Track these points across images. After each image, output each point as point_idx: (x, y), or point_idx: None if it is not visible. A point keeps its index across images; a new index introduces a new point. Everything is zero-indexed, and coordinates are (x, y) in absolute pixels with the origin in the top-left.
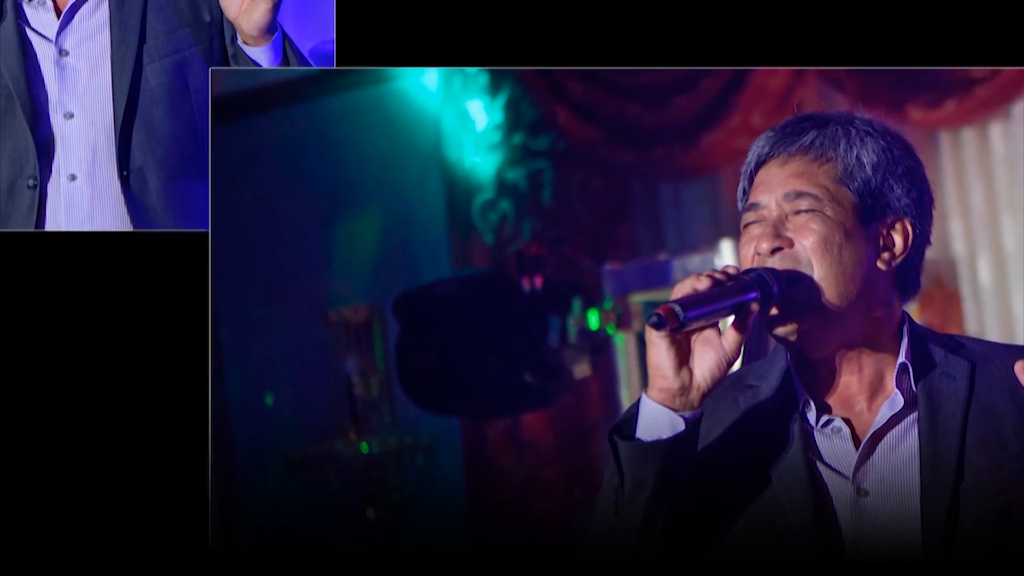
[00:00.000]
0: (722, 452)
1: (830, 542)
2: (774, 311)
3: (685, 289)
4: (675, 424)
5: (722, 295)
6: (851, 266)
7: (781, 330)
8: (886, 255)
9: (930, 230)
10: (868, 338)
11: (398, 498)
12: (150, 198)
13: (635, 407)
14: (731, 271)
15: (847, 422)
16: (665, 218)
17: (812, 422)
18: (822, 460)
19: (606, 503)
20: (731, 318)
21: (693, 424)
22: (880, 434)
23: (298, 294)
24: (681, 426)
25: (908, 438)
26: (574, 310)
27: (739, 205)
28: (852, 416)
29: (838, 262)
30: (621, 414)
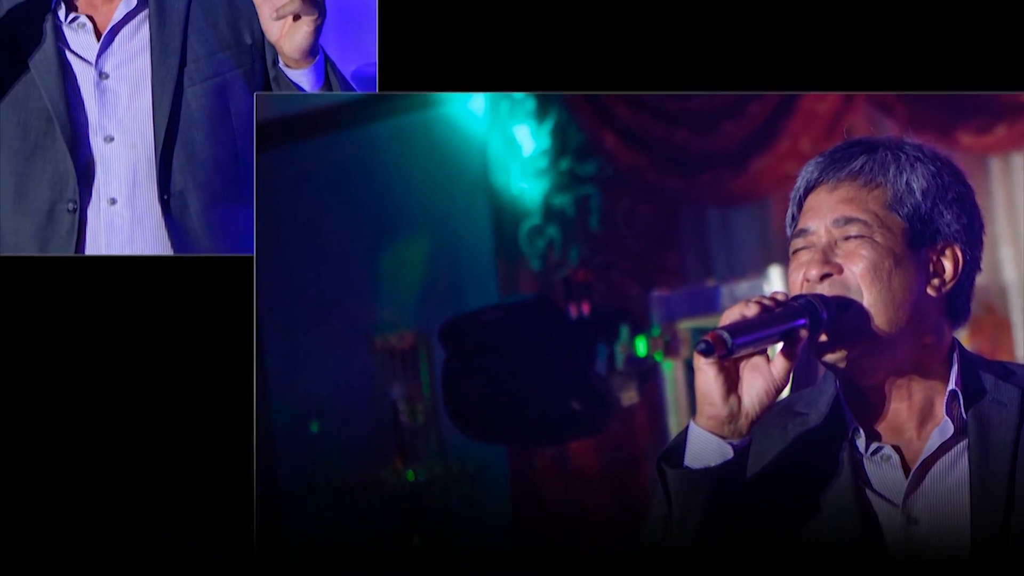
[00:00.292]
0: (771, 479)
1: (879, 570)
2: (823, 338)
3: (733, 316)
4: (724, 452)
5: (771, 322)
6: (901, 292)
7: (830, 357)
8: (936, 281)
9: (980, 256)
10: (918, 365)
11: (444, 526)
12: (191, 222)
13: (683, 435)
14: (780, 297)
15: (897, 449)
16: (713, 244)
17: (861, 449)
18: (871, 488)
19: (654, 531)
20: (780, 345)
21: (742, 451)
22: (930, 462)
23: (344, 321)
24: (730, 453)
25: (958, 466)
26: (622, 337)
27: (788, 231)
28: (902, 443)
29: (888, 288)
30: (669, 442)
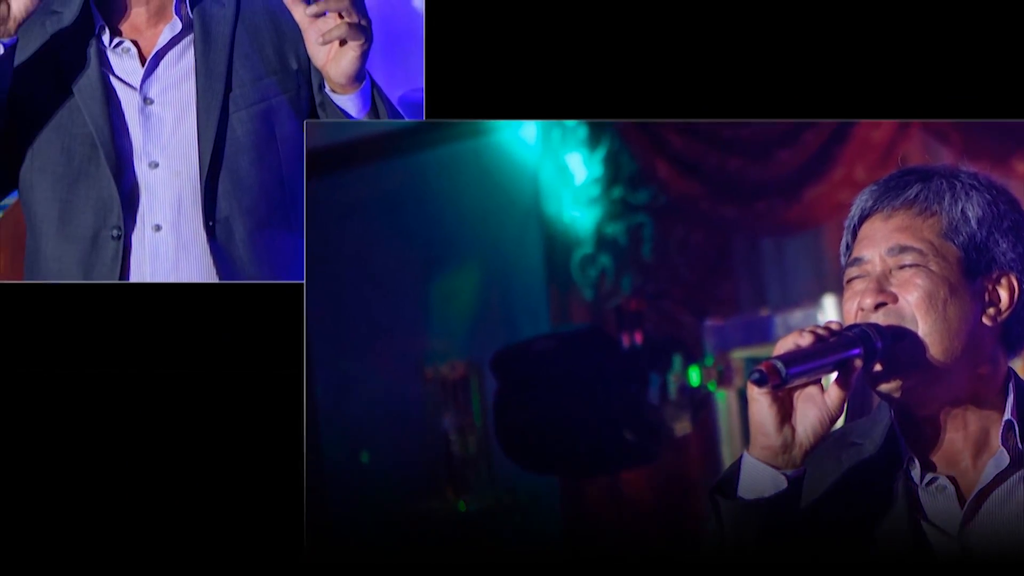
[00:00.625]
0: (825, 510)
1: None
2: (878, 367)
3: (787, 345)
4: (777, 482)
5: (825, 351)
6: (956, 322)
7: (885, 387)
8: (991, 310)
9: None
10: (973, 395)
11: (495, 557)
12: (236, 248)
13: (736, 465)
14: (834, 327)
15: (952, 480)
16: (767, 273)
17: (916, 480)
18: (926, 518)
19: (708, 559)
20: (834, 375)
21: (795, 482)
22: (986, 492)
23: (394, 350)
24: (783, 484)
25: (1014, 496)
26: (674, 366)
27: (842, 260)
28: (957, 474)
29: (943, 318)
30: (722, 472)
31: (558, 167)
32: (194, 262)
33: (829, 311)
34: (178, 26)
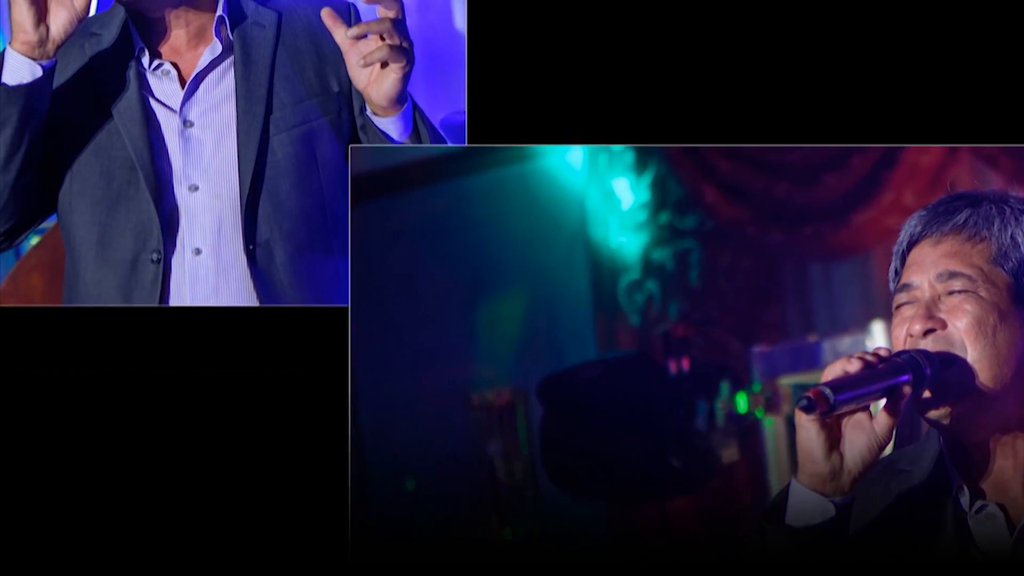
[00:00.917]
0: (873, 537)
1: None
2: (927, 394)
3: (836, 371)
4: (826, 510)
5: (873, 378)
6: (1006, 348)
7: (934, 414)
8: None
9: None
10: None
11: None
12: (277, 272)
13: (784, 492)
14: (883, 353)
15: (1002, 507)
16: (815, 299)
17: (965, 507)
18: (975, 546)
19: None
20: (882, 401)
21: (844, 509)
22: None
23: (440, 377)
24: (831, 511)
25: None
26: (722, 393)
27: (891, 285)
28: (1007, 501)
29: (992, 344)
30: (770, 500)
31: (605, 192)
32: (234, 286)
33: (877, 337)
34: (218, 48)
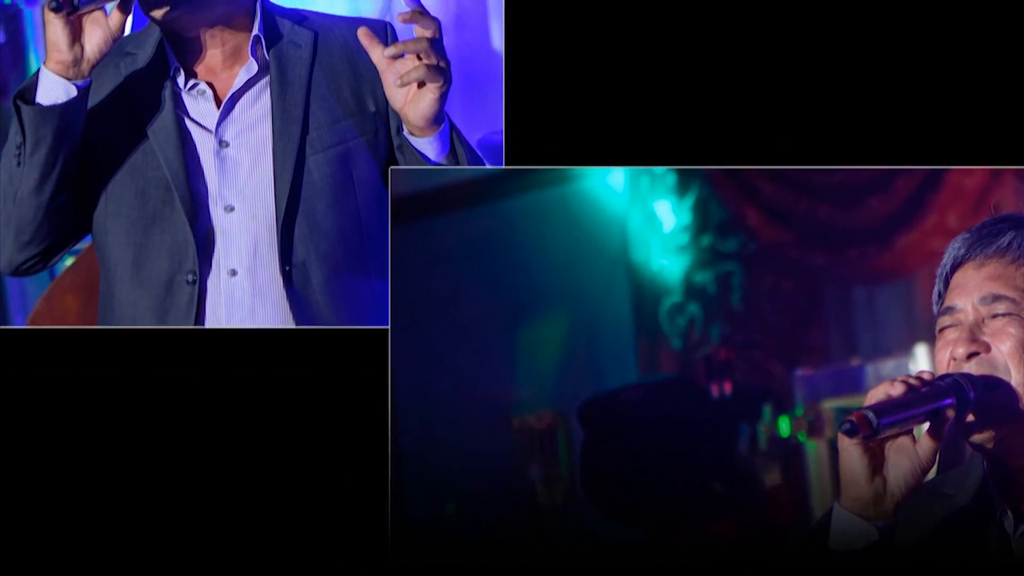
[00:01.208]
0: (917, 562)
1: None
2: (970, 418)
3: (879, 395)
4: (868, 534)
5: (917, 401)
6: None
7: (978, 437)
8: None
9: None
10: None
11: None
12: (313, 293)
13: (827, 516)
14: (926, 376)
15: None
16: (858, 322)
17: (1009, 531)
18: (1021, 571)
19: None
20: (926, 425)
21: (887, 534)
22: None
23: (480, 400)
24: (875, 536)
25: None
26: (764, 417)
27: (934, 308)
28: None
29: None
30: (812, 523)
31: (646, 214)
32: (270, 307)
33: (921, 361)
34: (254, 68)
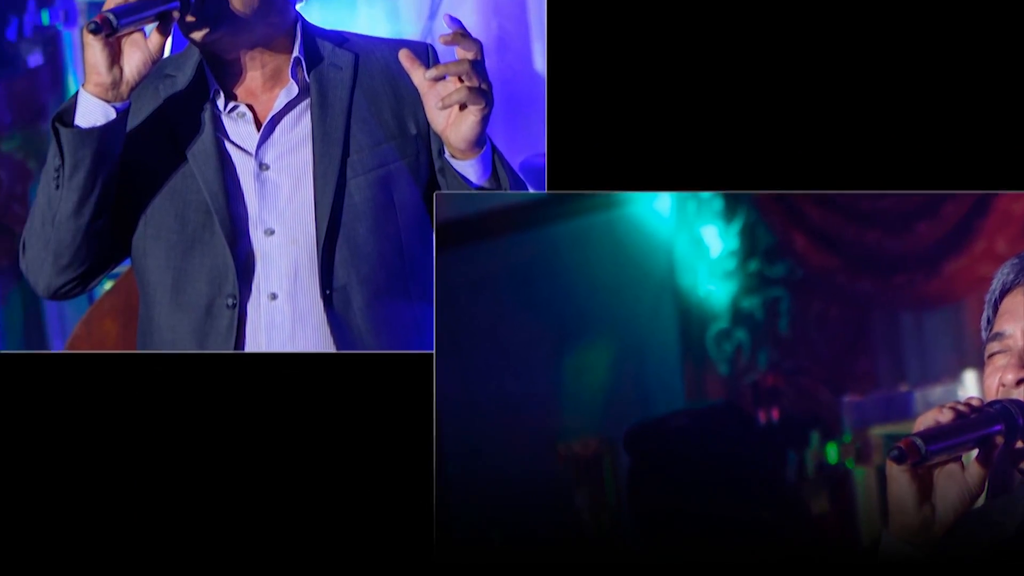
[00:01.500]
0: None
1: None
2: (1020, 444)
3: (927, 422)
4: (917, 562)
5: (966, 428)
6: None
7: None
8: None
9: None
10: None
11: None
12: (354, 317)
13: (876, 544)
14: (975, 403)
15: None
16: (906, 348)
17: None
18: None
19: None
20: (975, 452)
21: (935, 562)
22: None
23: (526, 426)
24: (923, 564)
25: None
26: (812, 443)
27: (983, 334)
28: None
29: None
30: (860, 551)
31: (693, 240)
32: (310, 331)
33: (970, 387)
34: (294, 90)
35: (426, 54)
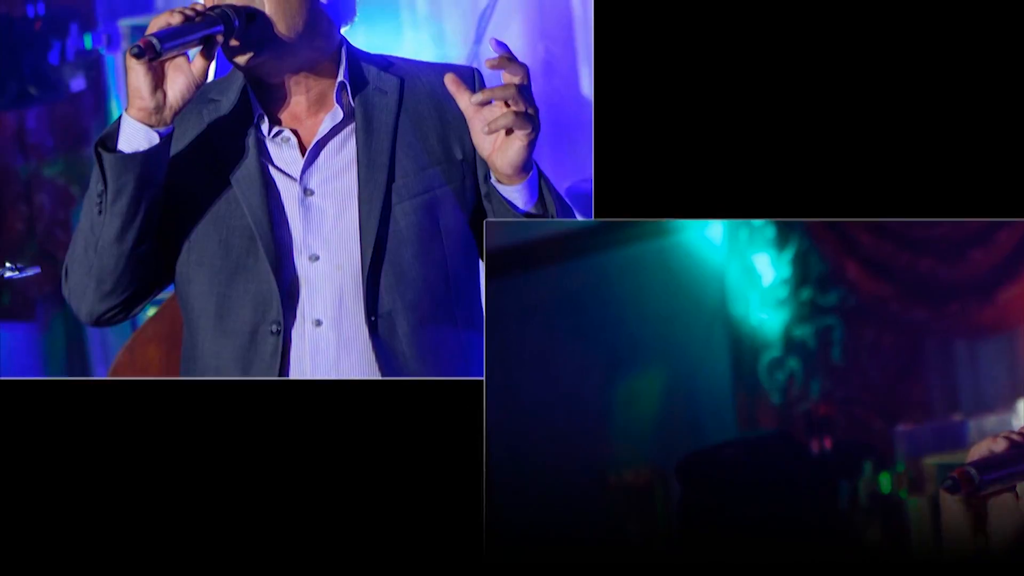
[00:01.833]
0: None
1: None
2: None
3: (981, 451)
4: None
5: (1020, 457)
6: None
7: None
8: None
9: None
10: None
11: None
12: (399, 344)
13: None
14: None
15: None
16: (960, 377)
17: None
18: None
19: None
20: None
21: None
22: None
23: (576, 456)
24: None
25: None
26: (865, 473)
27: None
28: None
29: None
30: None
31: (745, 268)
32: (355, 358)
33: None
34: (339, 115)
35: (472, 78)
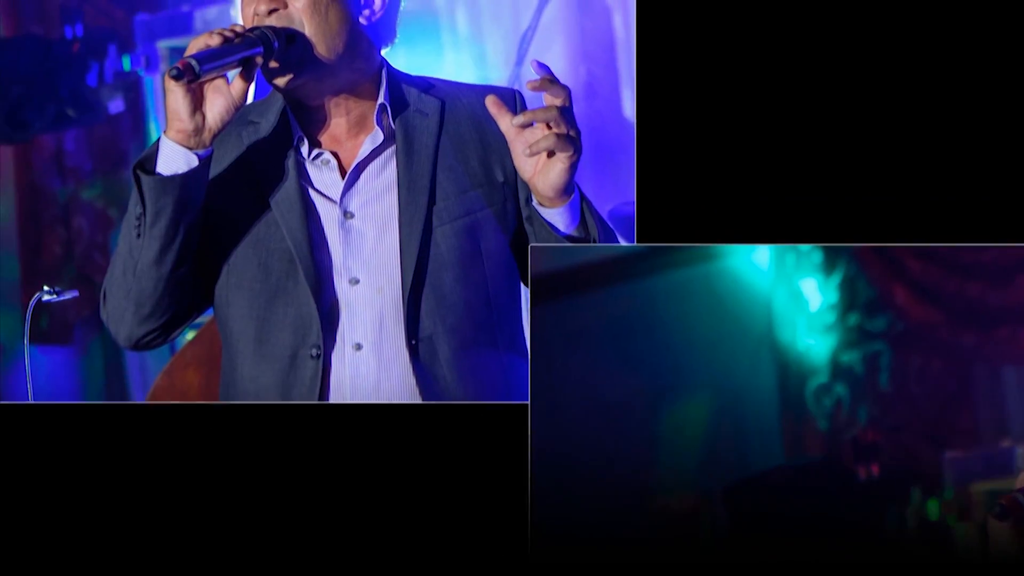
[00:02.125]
0: None
1: None
2: None
3: None
4: None
5: None
6: None
7: None
8: None
9: None
10: None
11: None
12: (440, 368)
13: None
14: None
15: None
16: (1009, 403)
17: None
18: None
19: None
20: None
21: None
22: None
23: (621, 480)
24: None
25: None
26: (913, 500)
27: None
28: None
29: None
30: None
31: (792, 293)
32: (396, 382)
33: None
34: (379, 137)
35: (513, 100)
